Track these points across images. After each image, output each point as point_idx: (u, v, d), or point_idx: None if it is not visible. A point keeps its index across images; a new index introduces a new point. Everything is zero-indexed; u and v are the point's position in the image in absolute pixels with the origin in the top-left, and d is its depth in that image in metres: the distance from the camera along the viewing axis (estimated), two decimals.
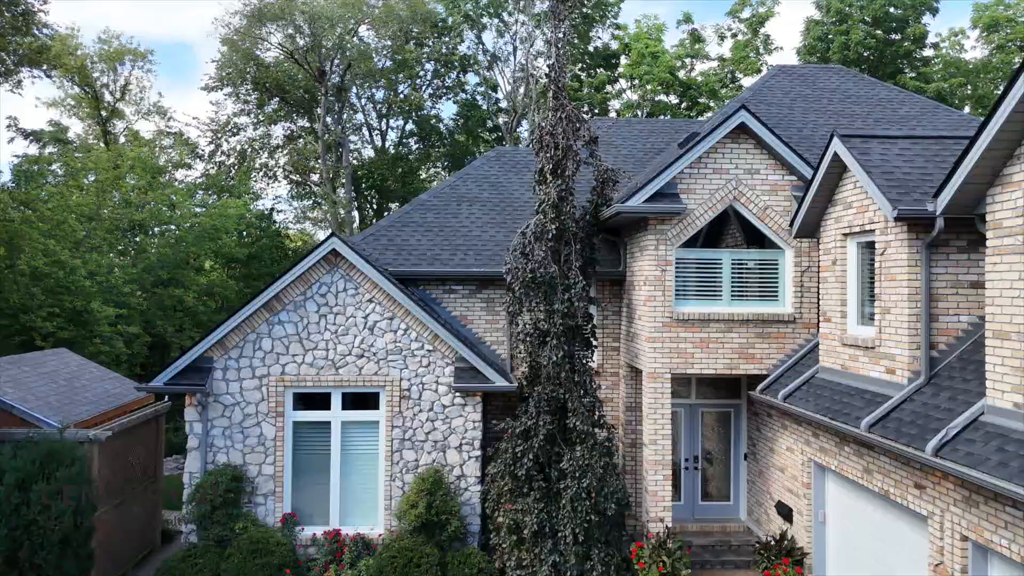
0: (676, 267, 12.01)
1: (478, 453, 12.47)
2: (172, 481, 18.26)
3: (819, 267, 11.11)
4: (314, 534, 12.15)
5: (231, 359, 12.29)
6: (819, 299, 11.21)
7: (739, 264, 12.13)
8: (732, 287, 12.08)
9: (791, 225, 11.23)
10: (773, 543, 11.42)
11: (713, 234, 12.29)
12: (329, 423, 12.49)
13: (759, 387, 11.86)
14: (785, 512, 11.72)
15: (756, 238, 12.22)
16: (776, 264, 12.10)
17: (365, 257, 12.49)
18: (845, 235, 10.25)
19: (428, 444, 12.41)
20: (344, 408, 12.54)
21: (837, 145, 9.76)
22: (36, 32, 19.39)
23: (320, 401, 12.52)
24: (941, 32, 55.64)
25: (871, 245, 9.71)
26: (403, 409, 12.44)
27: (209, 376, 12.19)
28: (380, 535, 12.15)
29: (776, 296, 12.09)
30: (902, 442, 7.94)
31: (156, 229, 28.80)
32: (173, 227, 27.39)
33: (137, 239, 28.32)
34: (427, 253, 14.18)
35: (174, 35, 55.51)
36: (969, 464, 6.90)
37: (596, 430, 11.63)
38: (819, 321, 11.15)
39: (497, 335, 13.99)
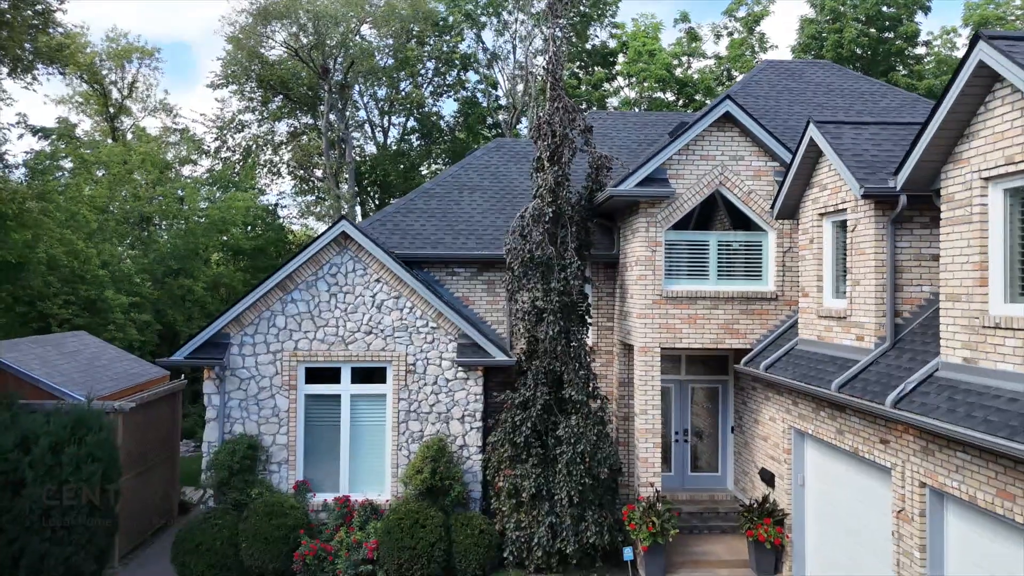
0: (665, 248, 12.77)
1: (479, 424, 13.23)
2: (184, 462, 19.01)
3: (798, 246, 11.87)
4: (325, 500, 12.91)
5: (247, 335, 13.05)
6: (799, 276, 11.96)
7: (725, 245, 12.89)
8: (718, 267, 12.84)
9: (772, 207, 11.99)
10: (756, 505, 12.19)
11: (702, 217, 13.04)
12: (339, 396, 13.26)
13: (743, 360, 12.62)
14: (767, 478, 12.48)
15: (741, 220, 12.98)
16: (760, 245, 12.86)
17: (373, 239, 13.26)
18: (821, 215, 11.01)
19: (432, 416, 13.18)
20: (353, 382, 13.31)
21: (812, 131, 10.53)
22: (51, 31, 20.09)
23: (330, 375, 13.28)
24: (934, 31, 56.37)
25: (844, 224, 10.47)
26: (409, 383, 13.21)
27: (226, 351, 12.96)
28: (387, 501, 12.91)
29: (760, 275, 12.85)
30: (867, 399, 8.70)
31: (164, 223, 29.57)
32: (183, 220, 28.10)
33: (146, 232, 29.06)
34: (431, 237, 14.94)
35: (173, 35, 56.26)
36: (922, 413, 7.66)
37: (590, 400, 12.41)
38: (799, 297, 11.90)
39: (497, 315, 14.75)
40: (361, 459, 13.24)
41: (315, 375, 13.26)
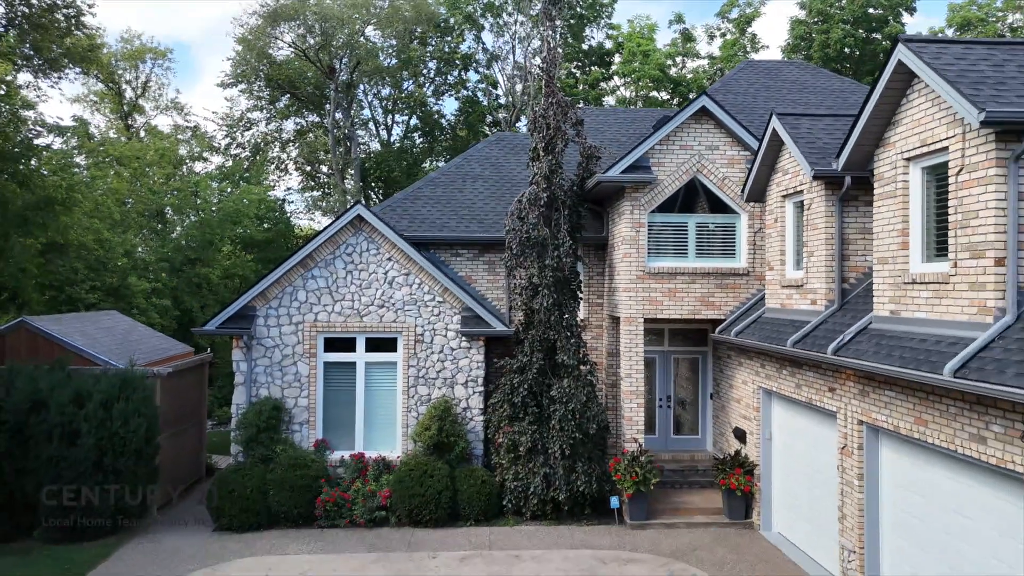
0: (648, 229, 14.19)
1: (481, 389, 14.65)
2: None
3: (766, 226, 13.30)
4: (342, 456, 14.32)
5: (271, 308, 14.48)
6: (766, 253, 13.38)
7: (702, 226, 14.32)
8: (696, 245, 14.27)
9: (743, 191, 13.42)
10: (729, 458, 13.62)
11: (682, 201, 14.42)
12: (354, 363, 14.68)
13: (718, 329, 14.05)
14: (740, 435, 13.91)
15: (717, 204, 14.40)
16: (733, 226, 14.29)
17: (385, 222, 14.69)
18: (784, 197, 12.44)
19: (439, 381, 14.61)
20: (367, 351, 14.73)
21: (775, 121, 11.95)
22: (78, 32, 21.51)
23: (347, 344, 14.71)
24: (922, 31, 57.75)
25: (802, 204, 11.89)
26: (417, 351, 14.63)
27: (253, 322, 14.39)
28: (398, 457, 14.33)
29: (733, 253, 14.28)
30: (814, 351, 10.13)
31: (177, 216, 31.00)
32: (198, 212, 29.52)
33: (162, 224, 30.49)
34: (436, 221, 16.36)
35: (173, 35, 57.65)
36: (855, 357, 9.09)
37: (580, 365, 13.83)
38: (766, 271, 13.32)
39: (497, 293, 16.16)
40: (374, 420, 14.67)
41: (333, 344, 14.68)
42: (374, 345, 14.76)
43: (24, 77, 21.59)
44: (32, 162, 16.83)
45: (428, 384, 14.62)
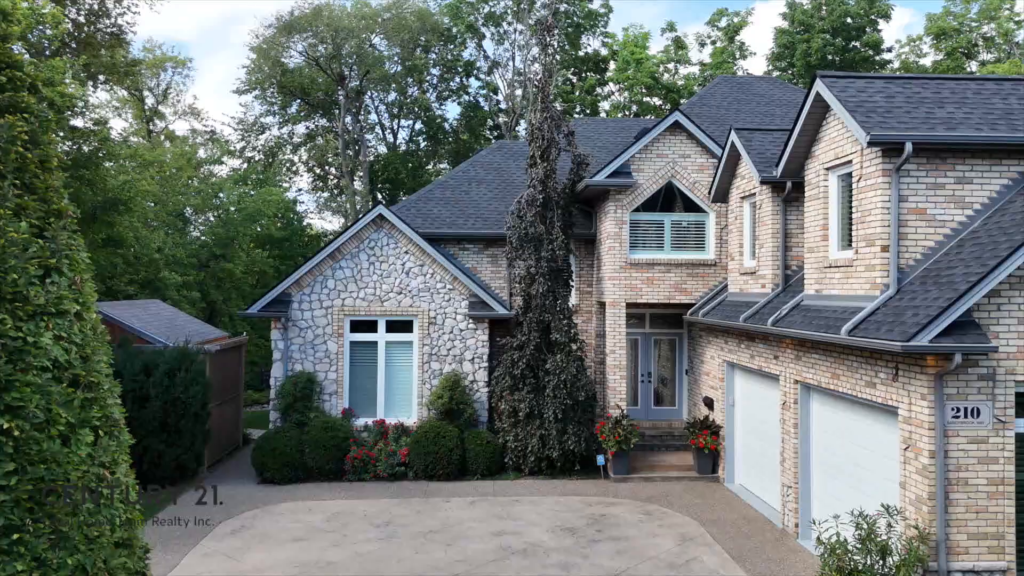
0: (630, 226, 16.47)
1: (486, 364, 16.94)
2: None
3: (729, 223, 15.59)
4: (366, 423, 16.60)
5: (304, 294, 16.75)
6: (729, 246, 15.67)
7: (676, 223, 16.60)
8: (671, 240, 16.55)
9: (709, 193, 15.70)
10: (698, 422, 15.91)
11: (659, 201, 16.68)
12: (376, 342, 16.97)
13: (689, 312, 16.34)
14: (708, 402, 16.19)
15: (689, 204, 16.67)
16: (703, 223, 16.57)
17: (403, 219, 16.97)
18: (742, 198, 14.73)
19: (449, 357, 16.89)
20: (387, 332, 17.02)
21: (733, 135, 14.24)
22: (122, 48, 23.75)
23: (369, 326, 16.99)
24: (901, 38, 60.05)
25: (755, 204, 14.18)
26: (431, 332, 16.91)
27: (289, 307, 16.66)
28: (414, 422, 16.61)
29: (703, 246, 16.57)
30: (760, 324, 12.41)
31: (199, 216, 33.30)
32: (221, 211, 31.81)
33: (188, 224, 32.79)
34: (446, 219, 18.64)
35: (172, 35, 59.82)
36: (787, 326, 11.37)
37: (571, 343, 16.11)
38: (729, 261, 15.61)
39: (499, 282, 18.43)
40: (393, 391, 16.95)
41: (357, 326, 16.96)
42: (393, 327, 17.04)
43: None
44: (97, 167, 19.11)
45: (440, 360, 16.90)
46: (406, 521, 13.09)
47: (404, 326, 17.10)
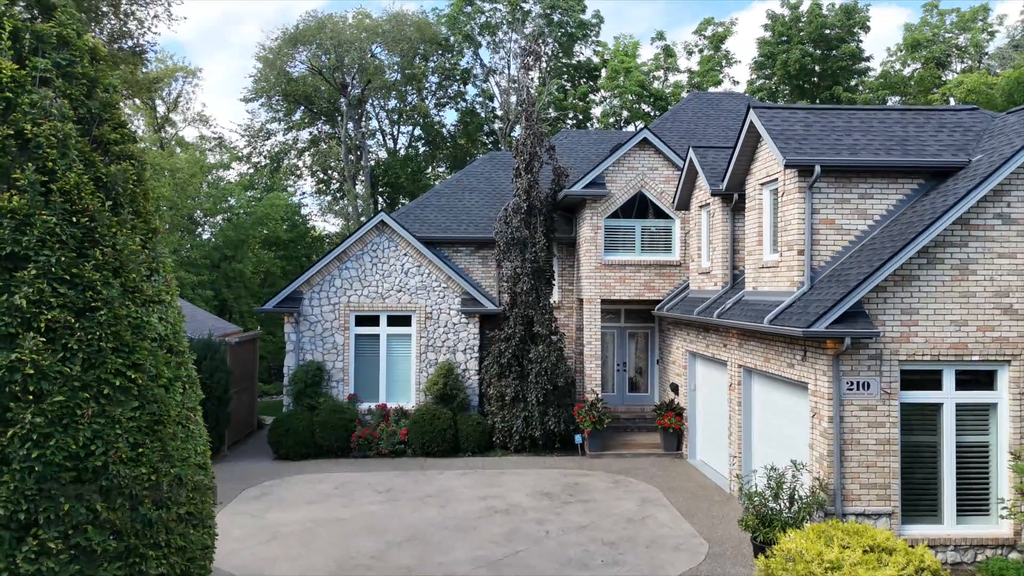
0: (605, 231, 18.47)
1: (476, 354, 18.94)
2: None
3: (691, 228, 17.59)
4: (369, 407, 18.60)
5: (314, 292, 18.75)
6: (691, 249, 17.66)
7: (646, 228, 18.60)
8: (641, 243, 18.55)
9: (673, 202, 17.70)
10: (664, 405, 17.92)
11: (631, 209, 18.66)
12: (379, 335, 18.97)
13: (656, 307, 18.35)
14: (674, 388, 18.20)
15: (657, 212, 18.67)
16: (670, 229, 18.57)
17: (402, 225, 18.97)
18: (700, 207, 16.73)
19: (444, 348, 18.89)
20: (388, 326, 19.02)
21: (691, 153, 16.25)
22: (140, 64, 25.73)
23: (372, 320, 18.99)
24: (886, 48, 61.95)
25: (710, 213, 16.17)
26: (427, 326, 18.91)
27: (300, 303, 18.66)
28: (413, 407, 18.61)
29: (669, 249, 18.57)
30: (708, 317, 14.40)
31: (208, 219, 35.33)
32: (230, 215, 33.83)
33: (199, 227, 34.80)
34: (441, 225, 20.63)
35: (170, 35, 61.84)
36: (728, 318, 13.36)
37: (552, 335, 18.11)
38: (690, 263, 17.59)
39: (489, 281, 20.43)
40: (394, 379, 18.96)
41: (362, 320, 18.96)
42: (393, 321, 19.04)
43: None
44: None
45: (435, 351, 18.90)
46: (405, 488, 15.09)
47: (403, 320, 19.08)
